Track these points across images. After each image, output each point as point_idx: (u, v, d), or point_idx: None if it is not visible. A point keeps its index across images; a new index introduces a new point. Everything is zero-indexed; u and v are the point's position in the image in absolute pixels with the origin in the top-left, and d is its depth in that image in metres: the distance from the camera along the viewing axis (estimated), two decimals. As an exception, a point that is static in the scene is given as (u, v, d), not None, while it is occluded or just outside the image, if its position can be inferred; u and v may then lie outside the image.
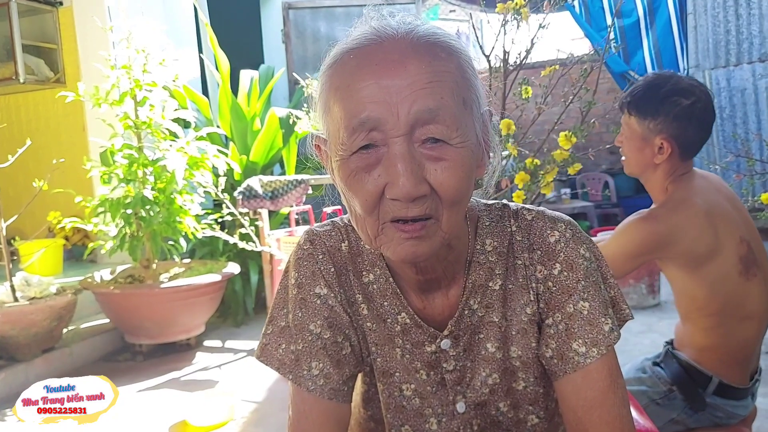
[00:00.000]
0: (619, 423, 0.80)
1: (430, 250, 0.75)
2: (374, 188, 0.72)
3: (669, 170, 1.61)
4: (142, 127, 3.50)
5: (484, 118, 0.79)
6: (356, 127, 0.71)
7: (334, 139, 0.75)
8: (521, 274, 0.85)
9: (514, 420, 0.89)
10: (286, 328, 0.87)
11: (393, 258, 0.77)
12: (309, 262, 0.88)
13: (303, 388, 0.84)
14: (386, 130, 0.70)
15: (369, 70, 0.71)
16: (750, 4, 5.34)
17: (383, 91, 0.69)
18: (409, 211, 0.71)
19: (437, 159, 0.71)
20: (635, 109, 1.60)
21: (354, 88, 0.71)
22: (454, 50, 0.74)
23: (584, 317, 0.82)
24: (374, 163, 0.72)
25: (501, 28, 2.20)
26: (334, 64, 0.75)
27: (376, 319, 0.88)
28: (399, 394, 0.89)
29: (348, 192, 0.74)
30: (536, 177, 2.15)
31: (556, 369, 0.83)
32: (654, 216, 1.56)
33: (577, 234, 0.85)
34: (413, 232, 0.72)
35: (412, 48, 0.71)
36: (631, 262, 1.57)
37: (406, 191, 0.69)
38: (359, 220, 0.76)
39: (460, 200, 0.74)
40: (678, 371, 1.62)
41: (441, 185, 0.71)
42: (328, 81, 0.75)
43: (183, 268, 3.80)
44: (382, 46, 0.72)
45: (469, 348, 0.86)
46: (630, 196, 7.28)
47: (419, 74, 0.70)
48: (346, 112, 0.71)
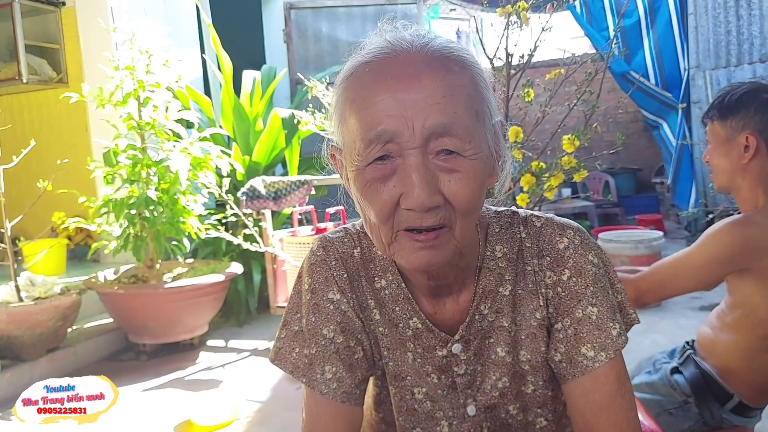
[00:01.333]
0: (627, 426, 0.82)
1: (444, 259, 0.76)
2: (389, 198, 0.73)
3: (760, 172, 1.51)
4: (145, 127, 3.51)
5: (496, 129, 0.80)
6: (372, 139, 0.72)
7: (350, 149, 0.76)
8: (531, 279, 0.87)
9: (523, 423, 0.91)
10: (299, 332, 0.89)
11: (406, 266, 0.79)
12: (322, 268, 0.89)
13: (316, 392, 0.86)
14: (401, 142, 0.72)
15: (384, 84, 0.72)
16: (751, 4, 5.35)
17: (399, 105, 0.71)
18: (423, 221, 0.73)
19: (451, 170, 0.73)
20: (717, 113, 1.54)
21: (370, 101, 0.73)
22: (467, 64, 0.76)
23: (593, 322, 0.83)
24: (389, 174, 0.73)
25: (504, 31, 2.22)
26: (350, 76, 0.77)
27: (388, 324, 0.89)
28: (411, 398, 0.90)
29: (363, 201, 0.76)
30: (540, 180, 2.16)
31: (565, 373, 0.85)
32: (751, 221, 1.46)
33: (586, 240, 0.87)
34: (427, 241, 0.74)
35: (427, 62, 0.73)
36: (720, 269, 1.47)
37: (421, 202, 0.71)
38: (373, 228, 0.78)
39: (473, 210, 0.76)
40: (698, 381, 1.56)
41: (454, 196, 0.73)
42: (343, 93, 0.77)
43: (186, 268, 3.81)
44: (397, 59, 0.74)
45: (479, 352, 0.88)
46: (630, 196, 7.30)
47: (433, 88, 0.71)
48: (363, 124, 0.73)
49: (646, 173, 7.47)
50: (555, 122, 2.37)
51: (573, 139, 2.09)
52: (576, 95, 2.20)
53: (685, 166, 5.62)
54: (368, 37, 0.80)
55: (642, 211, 6.63)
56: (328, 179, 3.89)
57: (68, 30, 4.77)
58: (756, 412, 1.57)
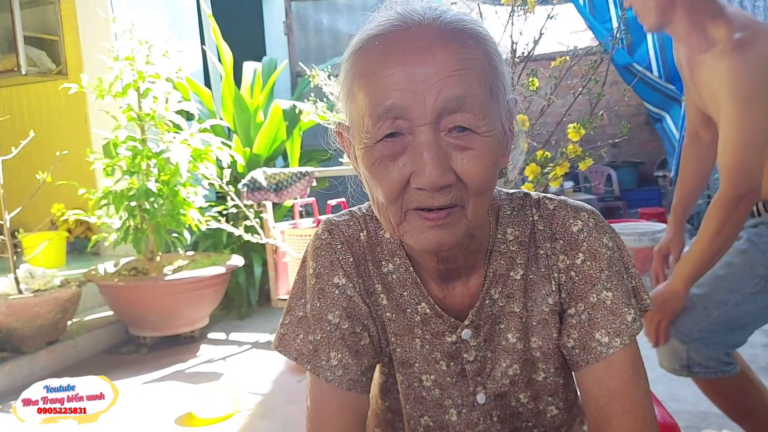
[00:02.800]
0: (641, 413, 0.80)
1: (455, 239, 0.74)
2: (399, 177, 0.70)
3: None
4: (145, 118, 3.48)
5: (510, 106, 0.78)
6: (381, 115, 0.69)
7: (358, 126, 0.73)
8: (543, 263, 0.84)
9: (534, 411, 0.88)
10: (303, 318, 0.86)
11: (416, 247, 0.76)
12: (327, 252, 0.87)
13: (321, 379, 0.83)
14: (412, 118, 0.69)
15: (395, 57, 0.69)
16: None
17: (410, 79, 0.68)
18: (434, 200, 0.70)
19: (464, 148, 0.70)
20: None
21: (379, 75, 0.70)
22: (481, 37, 0.73)
23: (607, 307, 0.81)
24: (399, 151, 0.70)
25: (509, 19, 2.19)
26: (359, 50, 0.73)
27: (395, 309, 0.87)
28: (418, 385, 0.88)
29: (372, 180, 0.73)
30: (545, 169, 2.14)
31: (578, 359, 0.82)
32: (746, 41, 1.35)
33: (600, 223, 0.84)
34: (437, 220, 0.71)
35: (439, 35, 0.70)
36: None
37: (432, 180, 0.68)
38: (381, 208, 0.75)
39: (486, 189, 0.73)
40: None
41: (467, 174, 0.70)
42: (352, 67, 0.74)
43: (187, 261, 3.79)
44: (409, 32, 0.70)
45: (489, 338, 0.86)
46: (632, 189, 7.27)
47: (447, 62, 0.68)
48: (371, 99, 0.70)
49: (649, 167, 7.44)
50: (559, 114, 2.35)
51: (578, 127, 2.07)
52: (581, 83, 2.18)
53: (688, 158, 5.58)
54: (377, 10, 0.76)
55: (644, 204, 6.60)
56: (329, 171, 3.87)
57: (67, 21, 4.73)
58: None
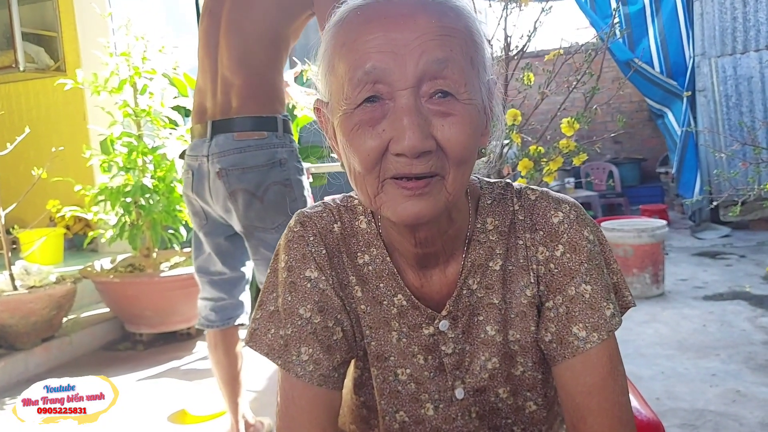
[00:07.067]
0: (618, 411, 0.78)
1: (434, 211, 0.71)
2: (378, 143, 0.69)
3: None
4: (141, 114, 3.46)
5: (490, 86, 0.76)
6: (361, 78, 0.68)
7: (337, 96, 0.72)
8: (522, 254, 0.83)
9: (513, 407, 0.86)
10: (275, 312, 0.84)
11: (393, 219, 0.73)
12: (299, 245, 0.85)
13: (291, 374, 0.81)
14: (392, 82, 0.67)
15: (377, 23, 0.68)
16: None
17: (391, 43, 0.67)
18: (413, 167, 0.68)
19: (445, 114, 0.69)
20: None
21: (360, 41, 0.69)
22: (463, 11, 0.72)
23: (586, 301, 0.79)
24: (379, 117, 0.69)
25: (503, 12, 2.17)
26: (340, 21, 0.72)
27: (370, 302, 0.85)
28: (393, 379, 0.86)
29: (349, 148, 0.71)
30: (539, 165, 2.11)
31: (555, 354, 0.80)
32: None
33: (582, 216, 0.82)
34: (416, 189, 0.69)
35: (422, 4, 0.69)
36: None
37: (412, 145, 0.66)
38: (358, 178, 0.73)
39: (467, 159, 0.72)
40: None
41: (448, 141, 0.69)
42: (332, 39, 0.73)
43: (183, 257, 3.77)
44: (391, 1, 0.70)
45: (467, 330, 0.84)
46: (634, 186, 7.24)
47: (429, 27, 0.68)
48: (351, 64, 0.69)
49: (651, 163, 7.40)
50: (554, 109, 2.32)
51: (572, 122, 2.04)
52: (576, 77, 2.15)
53: (690, 154, 5.56)
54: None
55: (646, 201, 6.58)
56: (326, 167, 3.84)
57: (65, 17, 4.72)
58: None
